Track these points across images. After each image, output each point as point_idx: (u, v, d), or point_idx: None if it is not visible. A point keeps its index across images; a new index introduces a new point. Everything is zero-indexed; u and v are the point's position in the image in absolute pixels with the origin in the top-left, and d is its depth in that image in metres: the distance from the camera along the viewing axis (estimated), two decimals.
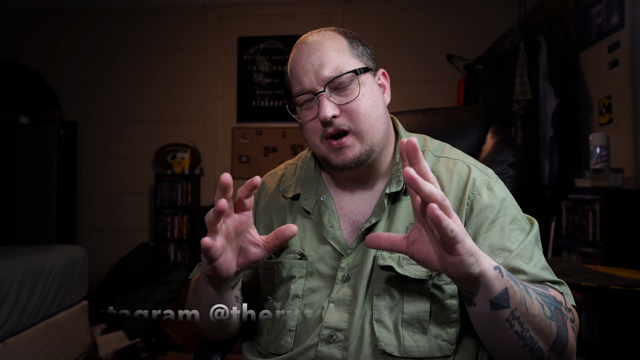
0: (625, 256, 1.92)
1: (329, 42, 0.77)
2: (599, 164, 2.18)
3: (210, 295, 0.73)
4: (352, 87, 0.75)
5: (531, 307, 0.60)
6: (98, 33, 3.89)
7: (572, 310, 0.67)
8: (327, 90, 0.75)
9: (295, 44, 0.81)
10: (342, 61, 0.76)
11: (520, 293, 0.60)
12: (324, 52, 0.76)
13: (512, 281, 0.60)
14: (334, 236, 0.80)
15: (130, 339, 2.79)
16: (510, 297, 0.59)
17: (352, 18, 3.72)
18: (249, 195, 0.66)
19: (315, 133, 0.77)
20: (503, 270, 0.59)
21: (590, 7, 2.48)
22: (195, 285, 0.80)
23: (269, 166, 3.67)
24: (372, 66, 0.81)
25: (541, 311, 0.61)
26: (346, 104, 0.75)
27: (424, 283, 0.72)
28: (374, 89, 0.79)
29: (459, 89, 3.37)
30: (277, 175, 0.93)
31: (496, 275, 0.58)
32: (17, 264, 2.03)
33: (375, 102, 0.78)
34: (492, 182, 0.78)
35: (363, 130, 0.75)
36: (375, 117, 0.77)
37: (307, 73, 0.76)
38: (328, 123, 0.75)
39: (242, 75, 3.81)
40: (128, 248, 3.50)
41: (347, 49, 0.78)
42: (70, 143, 3.47)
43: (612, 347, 1.86)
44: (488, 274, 0.57)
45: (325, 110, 0.73)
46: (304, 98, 0.78)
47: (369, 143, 0.76)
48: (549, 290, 0.67)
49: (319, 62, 0.75)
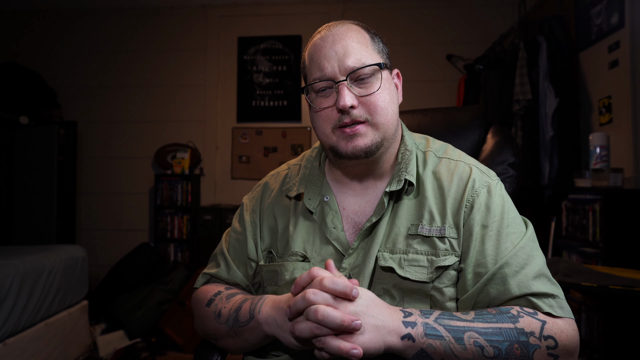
0: (625, 256, 1.92)
1: (354, 33, 0.78)
2: (599, 164, 2.18)
3: (262, 342, 0.77)
4: (373, 81, 0.76)
5: (462, 353, 0.63)
6: (98, 33, 3.89)
7: (553, 336, 0.65)
8: (348, 80, 0.75)
9: (317, 31, 0.81)
10: (365, 54, 0.76)
11: (445, 346, 0.63)
12: (349, 42, 0.76)
13: (432, 339, 0.63)
14: (337, 237, 0.80)
15: (130, 339, 2.79)
16: (430, 353, 0.63)
17: (352, 18, 3.67)
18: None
19: (329, 121, 0.77)
20: (417, 335, 0.63)
21: (590, 7, 2.48)
22: (235, 313, 0.78)
23: (269, 166, 3.68)
24: (389, 65, 0.82)
25: (479, 353, 0.63)
26: (366, 96, 0.75)
27: (424, 285, 0.73)
28: (391, 85, 0.80)
29: (459, 89, 3.37)
30: (280, 176, 0.93)
31: (405, 344, 0.63)
32: (17, 264, 2.03)
33: (393, 98, 0.79)
34: (493, 185, 0.78)
35: (380, 122, 0.76)
36: (392, 112, 0.78)
37: (330, 60, 0.76)
38: (345, 112, 0.75)
39: (242, 75, 3.81)
40: (128, 248, 3.50)
41: (369, 43, 0.78)
42: (70, 143, 3.46)
43: (612, 347, 1.86)
44: (395, 347, 0.63)
45: (345, 99, 0.73)
46: (322, 85, 0.77)
47: (381, 135, 0.77)
48: (517, 321, 0.65)
49: (343, 51, 0.75)
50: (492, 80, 2.78)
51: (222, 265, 0.89)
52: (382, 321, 0.63)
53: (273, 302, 0.73)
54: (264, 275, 0.84)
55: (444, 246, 0.74)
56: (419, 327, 0.63)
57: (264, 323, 0.72)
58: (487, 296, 0.70)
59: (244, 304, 0.77)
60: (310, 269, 0.67)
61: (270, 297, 0.75)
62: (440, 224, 0.75)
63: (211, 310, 0.82)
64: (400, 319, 0.64)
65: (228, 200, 3.73)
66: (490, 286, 0.70)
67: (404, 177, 0.78)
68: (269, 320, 0.71)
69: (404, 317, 0.64)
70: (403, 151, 0.83)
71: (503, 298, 0.69)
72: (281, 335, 0.70)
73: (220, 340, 0.81)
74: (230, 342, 0.79)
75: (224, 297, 0.82)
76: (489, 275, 0.70)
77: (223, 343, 0.81)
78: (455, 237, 0.74)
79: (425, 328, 0.63)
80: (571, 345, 0.66)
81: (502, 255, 0.71)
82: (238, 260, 0.88)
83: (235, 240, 0.90)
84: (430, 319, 0.64)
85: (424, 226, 0.75)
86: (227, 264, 0.89)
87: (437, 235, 0.74)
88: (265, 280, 0.84)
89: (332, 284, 0.63)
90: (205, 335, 0.85)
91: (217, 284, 0.89)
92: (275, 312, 0.71)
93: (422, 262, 0.73)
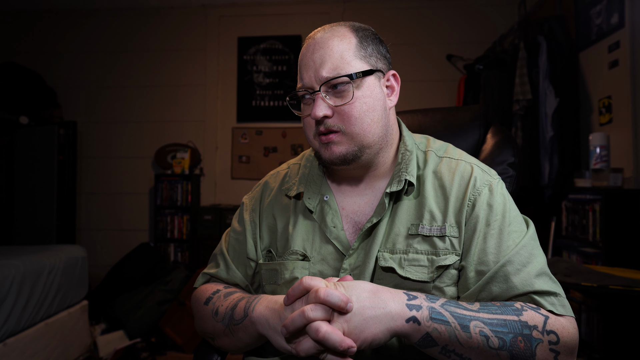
0: (625, 256, 1.92)
1: (336, 40, 0.76)
2: (599, 164, 2.18)
3: (256, 343, 0.77)
4: (348, 90, 0.75)
5: (467, 341, 0.62)
6: (98, 33, 3.89)
7: (555, 331, 0.65)
8: (322, 90, 0.75)
9: (307, 37, 0.82)
10: (343, 62, 0.75)
11: (450, 332, 0.62)
12: (327, 51, 0.76)
13: (438, 323, 0.62)
14: (337, 236, 0.80)
15: (130, 339, 2.79)
16: (435, 338, 0.63)
17: (352, 18, 3.71)
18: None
19: (311, 128, 0.79)
20: (422, 318, 0.63)
21: (590, 7, 2.48)
22: (230, 311, 0.78)
23: (269, 166, 3.68)
24: (380, 67, 0.79)
25: (483, 343, 0.62)
26: (340, 105, 0.75)
27: (425, 285, 0.73)
28: (374, 92, 0.77)
29: (459, 89, 3.37)
30: (280, 175, 0.93)
31: (410, 327, 0.62)
32: (17, 264, 2.03)
33: (372, 106, 0.76)
34: (494, 184, 0.78)
35: (353, 132, 0.75)
36: (370, 121, 0.76)
37: (308, 70, 0.77)
38: (320, 122, 0.76)
39: (242, 75, 3.81)
40: (128, 248, 3.50)
41: (353, 48, 0.76)
42: (70, 143, 3.46)
43: (612, 347, 1.86)
44: (401, 331, 0.63)
45: (316, 110, 0.75)
46: (302, 94, 0.79)
47: (357, 144, 0.76)
48: (521, 314, 0.65)
49: (320, 61, 0.76)
50: (492, 80, 2.78)
51: (222, 265, 0.89)
52: (382, 309, 0.62)
53: (267, 302, 0.73)
54: (264, 274, 0.84)
55: (445, 245, 0.74)
56: (424, 310, 0.63)
57: (257, 322, 0.72)
58: (490, 294, 0.70)
59: (240, 302, 0.77)
60: (301, 279, 0.66)
61: (265, 296, 0.75)
62: (440, 223, 0.75)
63: (209, 309, 0.82)
64: (404, 302, 0.64)
65: (228, 200, 3.73)
66: (492, 284, 0.70)
67: (404, 177, 0.78)
68: (262, 320, 0.71)
69: (407, 300, 0.64)
70: (403, 151, 0.83)
71: (506, 296, 0.69)
72: (272, 336, 0.69)
73: (217, 339, 0.81)
74: (226, 341, 0.79)
75: (222, 296, 0.82)
76: (492, 273, 0.70)
77: (219, 342, 0.81)
78: (456, 236, 0.74)
79: (430, 312, 0.63)
80: (572, 343, 0.66)
81: (505, 253, 0.71)
82: (237, 261, 0.88)
83: (234, 240, 0.90)
84: (436, 304, 0.64)
85: (425, 226, 0.75)
86: (226, 264, 0.89)
87: (438, 234, 0.75)
88: (264, 279, 0.84)
89: (326, 295, 0.62)
90: (203, 334, 0.85)
91: (216, 283, 0.89)
92: (268, 313, 0.71)
93: (422, 262, 0.73)
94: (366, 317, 0.62)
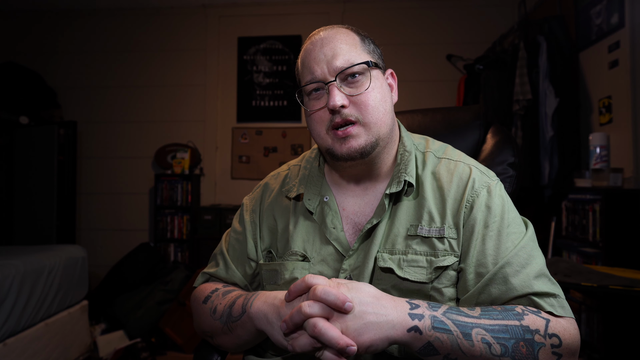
0: (625, 256, 1.92)
1: (342, 35, 0.79)
2: (599, 164, 2.18)
3: (255, 340, 0.77)
4: (363, 80, 0.77)
5: (470, 350, 0.62)
6: (98, 33, 3.89)
7: (557, 334, 0.65)
8: (337, 81, 0.76)
9: (308, 37, 0.83)
10: (354, 54, 0.77)
11: (452, 341, 0.62)
12: (337, 44, 0.77)
13: (440, 332, 0.62)
14: (337, 237, 0.80)
15: (130, 339, 2.79)
16: (437, 347, 0.62)
17: (352, 18, 3.72)
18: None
19: (322, 123, 0.78)
20: (424, 327, 0.62)
21: (590, 7, 2.48)
22: (228, 308, 0.78)
23: (269, 166, 3.67)
24: (381, 65, 0.82)
25: (486, 350, 0.62)
26: (356, 95, 0.76)
27: (423, 286, 0.73)
28: (383, 84, 0.80)
29: (459, 89, 3.37)
30: (281, 177, 0.93)
31: (412, 337, 0.62)
32: (17, 264, 2.03)
33: (384, 97, 0.79)
34: (493, 185, 0.78)
35: (370, 121, 0.76)
36: (384, 111, 0.78)
37: (319, 63, 0.77)
38: (336, 112, 0.75)
39: (242, 75, 3.81)
40: (128, 248, 3.51)
41: (359, 44, 0.79)
42: (70, 143, 3.46)
43: (612, 347, 1.86)
44: (400, 340, 0.62)
45: (335, 99, 0.74)
46: (313, 87, 0.78)
47: (375, 135, 0.76)
48: (522, 319, 0.65)
49: (331, 53, 0.77)
50: (492, 80, 2.78)
51: (221, 265, 0.90)
52: (384, 316, 0.62)
53: (266, 298, 0.73)
54: (264, 274, 0.84)
55: (443, 246, 0.74)
56: (426, 319, 0.63)
57: (255, 318, 0.72)
58: (489, 296, 0.70)
59: (238, 300, 0.77)
60: (304, 277, 0.66)
61: (263, 292, 0.75)
62: (439, 225, 0.75)
63: (207, 307, 0.82)
64: (406, 311, 0.63)
65: (228, 200, 3.73)
66: (492, 286, 0.70)
67: (404, 178, 0.78)
68: (260, 315, 0.71)
69: (410, 309, 0.64)
70: (402, 152, 0.83)
71: (505, 297, 0.69)
72: (270, 332, 0.69)
73: (216, 337, 0.81)
74: (225, 338, 0.79)
75: (220, 294, 0.82)
76: (490, 275, 0.70)
77: (218, 340, 0.81)
78: (454, 238, 0.74)
79: (433, 321, 0.62)
80: (574, 345, 0.66)
81: (503, 255, 0.71)
82: (237, 260, 0.89)
83: (234, 240, 0.90)
84: (438, 312, 0.64)
85: (423, 227, 0.76)
86: (225, 263, 0.89)
87: (436, 235, 0.75)
88: (264, 279, 0.84)
89: (323, 293, 0.62)
90: (202, 333, 0.85)
91: (215, 283, 0.89)
92: (266, 308, 0.71)
93: (421, 263, 0.73)
94: (367, 321, 0.62)
